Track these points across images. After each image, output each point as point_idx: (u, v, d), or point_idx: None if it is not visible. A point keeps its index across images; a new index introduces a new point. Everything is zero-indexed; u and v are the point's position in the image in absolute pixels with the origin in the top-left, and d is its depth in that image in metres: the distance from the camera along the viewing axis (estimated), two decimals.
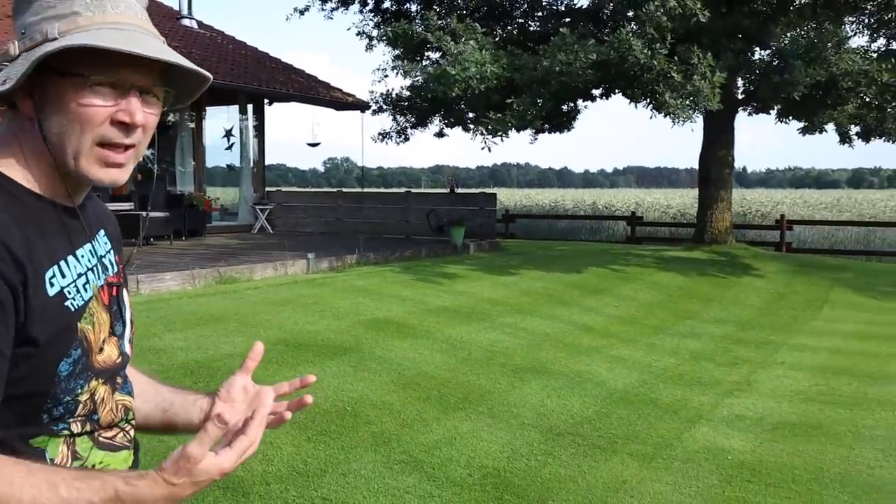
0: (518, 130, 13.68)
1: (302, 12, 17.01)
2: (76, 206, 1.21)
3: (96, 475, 1.06)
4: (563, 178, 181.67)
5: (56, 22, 1.11)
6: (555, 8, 16.64)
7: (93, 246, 1.25)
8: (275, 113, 19.02)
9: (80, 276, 1.18)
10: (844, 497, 4.18)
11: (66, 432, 1.15)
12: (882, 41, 15.08)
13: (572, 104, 16.73)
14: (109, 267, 1.29)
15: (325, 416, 4.87)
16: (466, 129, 16.59)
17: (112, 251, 1.32)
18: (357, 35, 17.19)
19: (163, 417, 1.37)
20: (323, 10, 17.22)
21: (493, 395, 5.67)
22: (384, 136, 17.30)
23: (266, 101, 17.44)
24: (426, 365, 6.18)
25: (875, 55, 14.08)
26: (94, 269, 1.23)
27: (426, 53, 14.40)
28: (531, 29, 16.59)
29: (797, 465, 4.64)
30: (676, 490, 4.21)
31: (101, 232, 1.31)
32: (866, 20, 15.15)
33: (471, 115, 15.12)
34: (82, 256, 1.20)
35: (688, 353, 7.78)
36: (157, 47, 1.12)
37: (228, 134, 16.98)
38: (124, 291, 1.33)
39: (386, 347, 6.48)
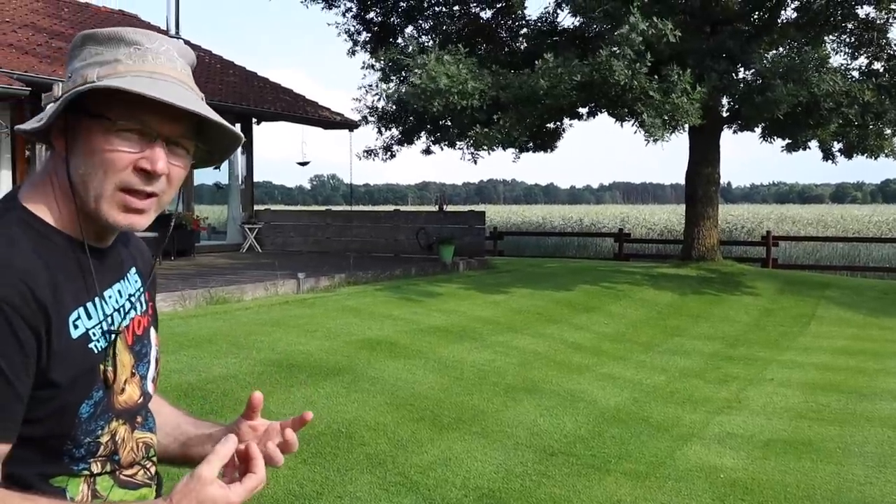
0: (504, 147, 13.76)
1: None
2: (107, 246, 1.22)
3: None
4: (549, 193, 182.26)
5: (98, 68, 1.13)
6: (541, 27, 16.78)
7: (122, 285, 1.25)
8: (261, 131, 19.04)
9: (106, 317, 1.18)
10: None
11: (86, 472, 1.15)
12: (863, 60, 15.29)
13: (558, 122, 16.86)
14: (138, 306, 1.28)
15: (320, 437, 4.87)
16: (452, 146, 16.70)
17: (142, 289, 1.32)
18: (338, 34, 17.34)
19: (181, 450, 1.39)
20: None
21: (487, 415, 5.69)
22: (370, 152, 17.37)
23: (254, 120, 17.47)
24: (419, 385, 6.20)
25: (857, 73, 14.30)
26: (121, 309, 1.22)
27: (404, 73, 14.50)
28: (517, 48, 16.71)
29: (789, 482, 4.69)
30: None
31: (133, 269, 1.31)
32: (847, 39, 15.36)
33: (456, 131, 15.21)
34: (110, 297, 1.20)
35: (678, 371, 7.83)
36: (186, 98, 1.13)
37: None
38: (152, 330, 1.32)
39: (378, 368, 6.49)
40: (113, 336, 1.19)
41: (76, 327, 1.12)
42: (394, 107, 16.26)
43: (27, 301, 1.05)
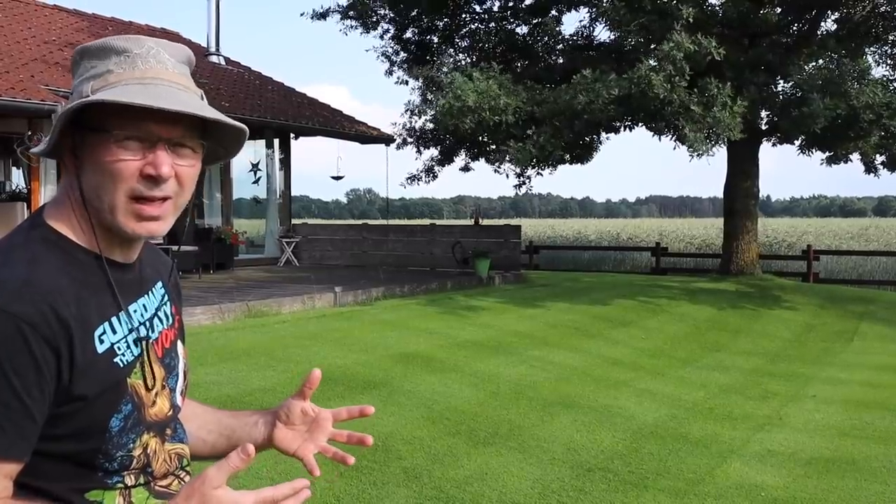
0: (541, 163, 13.73)
1: (322, 16, 16.79)
2: (131, 261, 1.23)
3: None
4: (585, 207, 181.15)
5: (91, 81, 1.13)
6: (577, 42, 16.77)
7: (147, 299, 1.26)
8: (298, 145, 19.19)
9: (131, 331, 1.19)
10: None
11: (120, 485, 1.16)
12: None
13: (594, 136, 16.82)
14: (164, 319, 1.30)
15: (357, 451, 4.87)
16: (490, 162, 16.71)
17: (168, 302, 1.33)
18: (377, 57, 17.50)
19: (228, 444, 1.40)
20: (341, 23, 16.89)
21: (523, 430, 5.67)
22: (413, 178, 17.45)
23: (292, 135, 17.67)
24: (455, 399, 6.20)
25: None
26: (147, 323, 1.23)
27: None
28: (554, 63, 16.71)
29: (832, 501, 4.60)
30: None
31: (158, 283, 1.32)
32: (889, 51, 15.12)
33: (492, 146, 15.23)
34: (135, 311, 1.21)
35: (717, 387, 7.73)
36: (178, 100, 1.12)
37: (255, 168, 17.21)
38: (179, 343, 1.34)
39: (415, 381, 6.51)
40: (141, 346, 1.20)
41: (102, 342, 1.13)
42: (431, 125, 16.33)
43: (48, 319, 1.05)
